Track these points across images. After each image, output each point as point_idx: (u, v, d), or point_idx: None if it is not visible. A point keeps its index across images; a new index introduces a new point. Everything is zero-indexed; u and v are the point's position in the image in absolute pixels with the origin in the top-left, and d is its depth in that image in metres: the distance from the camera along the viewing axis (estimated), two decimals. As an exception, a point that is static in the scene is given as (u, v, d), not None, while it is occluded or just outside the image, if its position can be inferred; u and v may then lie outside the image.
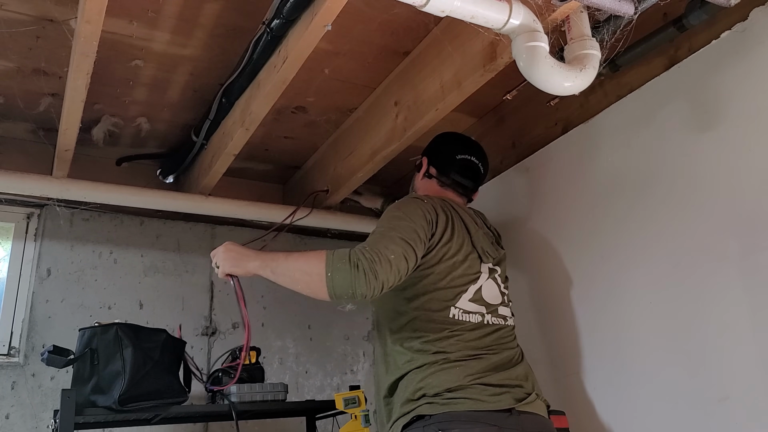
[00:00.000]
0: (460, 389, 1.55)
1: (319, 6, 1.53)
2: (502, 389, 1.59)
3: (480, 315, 1.70)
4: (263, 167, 2.89)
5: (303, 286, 1.56)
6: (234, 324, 2.78)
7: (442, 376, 1.58)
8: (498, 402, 1.55)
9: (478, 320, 1.69)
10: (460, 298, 1.69)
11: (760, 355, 1.56)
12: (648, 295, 1.86)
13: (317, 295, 1.53)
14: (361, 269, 1.48)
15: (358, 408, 2.01)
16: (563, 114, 2.26)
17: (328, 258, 1.51)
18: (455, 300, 1.68)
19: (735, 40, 1.71)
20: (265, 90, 1.88)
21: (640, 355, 1.86)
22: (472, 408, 1.53)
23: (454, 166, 1.94)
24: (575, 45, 1.57)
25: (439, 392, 1.56)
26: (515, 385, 1.62)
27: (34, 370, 2.35)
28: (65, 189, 2.26)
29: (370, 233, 1.66)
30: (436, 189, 1.94)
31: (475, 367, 1.60)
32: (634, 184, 1.94)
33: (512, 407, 1.56)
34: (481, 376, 1.59)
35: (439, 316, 1.66)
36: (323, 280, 1.49)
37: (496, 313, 1.74)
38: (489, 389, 1.57)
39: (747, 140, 1.65)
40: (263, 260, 1.64)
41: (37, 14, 1.81)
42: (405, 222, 1.65)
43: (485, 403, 1.54)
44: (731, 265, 1.65)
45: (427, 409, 1.55)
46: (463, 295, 1.70)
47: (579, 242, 2.10)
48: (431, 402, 1.55)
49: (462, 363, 1.60)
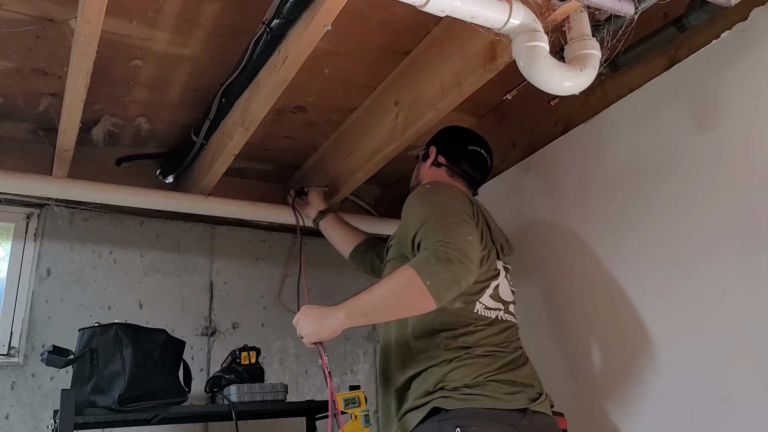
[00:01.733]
0: (478, 386, 1.54)
1: (319, 6, 1.53)
2: (517, 388, 1.57)
3: (497, 311, 1.69)
4: (263, 167, 2.89)
5: (406, 309, 1.51)
6: (234, 324, 2.78)
7: (463, 371, 1.56)
8: (514, 401, 1.54)
9: (495, 316, 1.68)
10: (483, 294, 1.67)
11: (760, 355, 1.56)
12: (648, 295, 1.86)
13: (425, 308, 1.47)
14: (455, 260, 1.45)
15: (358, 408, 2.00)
16: (563, 114, 2.26)
17: (417, 269, 1.45)
18: (480, 295, 1.66)
19: (735, 40, 1.71)
20: (264, 90, 1.88)
21: (640, 355, 1.85)
22: (488, 405, 1.51)
23: (465, 156, 1.93)
24: (575, 45, 1.57)
25: (458, 387, 1.54)
26: (527, 384, 1.61)
27: (34, 370, 2.35)
28: (65, 189, 2.26)
29: (408, 229, 1.65)
30: (445, 178, 1.90)
31: (493, 364, 1.58)
32: (634, 184, 1.94)
33: (526, 407, 1.55)
34: (498, 373, 1.57)
35: (465, 310, 1.64)
36: (424, 291, 1.43)
37: (509, 311, 1.73)
38: (505, 387, 1.55)
39: (747, 140, 1.65)
40: (347, 310, 1.53)
41: (37, 14, 1.81)
42: (456, 206, 1.64)
43: (502, 401, 1.52)
44: (732, 265, 1.65)
45: (443, 403, 1.52)
46: (486, 290, 1.68)
47: (579, 242, 2.10)
48: (448, 396, 1.53)
49: (482, 359, 1.58)
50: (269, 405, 2.14)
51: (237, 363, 2.24)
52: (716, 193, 1.71)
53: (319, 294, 3.05)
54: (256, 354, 2.27)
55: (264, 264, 2.92)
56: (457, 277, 1.45)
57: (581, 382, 2.03)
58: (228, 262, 2.85)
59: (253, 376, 2.21)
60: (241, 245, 2.90)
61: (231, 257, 2.86)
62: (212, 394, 2.22)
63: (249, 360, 2.24)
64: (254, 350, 2.28)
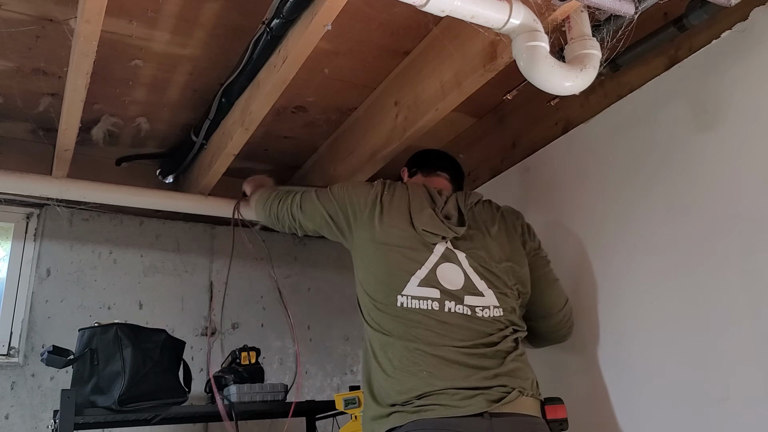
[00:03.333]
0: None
1: (319, 6, 1.53)
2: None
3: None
4: (263, 167, 2.88)
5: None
6: (234, 324, 2.78)
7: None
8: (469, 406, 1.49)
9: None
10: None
11: (760, 355, 1.56)
12: (648, 296, 1.85)
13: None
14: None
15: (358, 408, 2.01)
16: (563, 114, 2.26)
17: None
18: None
19: (735, 40, 1.71)
20: (264, 90, 1.88)
21: (640, 355, 1.85)
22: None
23: (433, 158, 2.02)
24: (575, 45, 1.57)
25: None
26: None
27: (34, 370, 2.35)
28: (65, 189, 2.26)
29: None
30: (421, 180, 1.94)
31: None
32: (634, 184, 1.94)
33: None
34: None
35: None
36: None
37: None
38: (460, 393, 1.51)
39: (747, 140, 1.65)
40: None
41: (37, 14, 1.81)
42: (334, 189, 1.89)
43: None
44: (731, 265, 1.65)
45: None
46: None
47: (579, 242, 2.10)
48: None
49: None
50: (269, 405, 2.14)
51: (237, 363, 2.24)
52: (716, 193, 1.71)
53: (319, 294, 3.06)
54: (256, 354, 2.28)
55: (264, 264, 2.92)
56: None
57: (581, 381, 2.02)
58: (228, 262, 2.85)
59: (253, 376, 2.21)
60: (241, 245, 2.90)
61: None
62: (212, 394, 2.22)
63: (249, 360, 2.24)
64: (254, 350, 2.28)
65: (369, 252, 1.71)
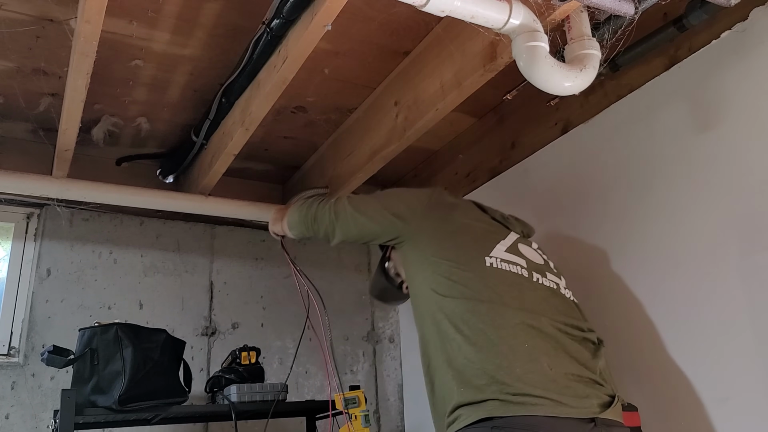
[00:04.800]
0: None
1: (319, 6, 1.53)
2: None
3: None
4: (263, 167, 2.89)
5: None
6: (234, 324, 2.78)
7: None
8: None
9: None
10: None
11: (760, 355, 1.56)
12: (648, 296, 1.86)
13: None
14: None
15: (358, 408, 2.01)
16: (563, 114, 2.26)
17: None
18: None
19: (735, 40, 1.71)
20: (264, 90, 1.88)
21: (639, 356, 1.85)
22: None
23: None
24: (575, 45, 1.57)
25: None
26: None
27: (34, 370, 2.35)
28: (65, 189, 2.26)
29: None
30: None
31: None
32: (634, 184, 1.94)
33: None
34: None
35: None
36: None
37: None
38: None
39: (747, 140, 1.65)
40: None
41: (37, 14, 1.81)
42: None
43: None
44: (731, 265, 1.65)
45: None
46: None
47: (579, 242, 2.10)
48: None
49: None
50: (269, 405, 2.14)
51: (237, 363, 2.24)
52: (716, 193, 1.71)
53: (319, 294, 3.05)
54: (256, 354, 2.28)
55: (264, 264, 2.92)
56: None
57: (581, 382, 2.03)
58: (228, 262, 2.85)
59: (253, 376, 2.21)
60: (241, 245, 2.91)
61: (231, 257, 2.86)
62: (212, 394, 2.22)
63: (249, 360, 2.24)
64: (254, 350, 2.28)
65: (446, 228, 1.59)
